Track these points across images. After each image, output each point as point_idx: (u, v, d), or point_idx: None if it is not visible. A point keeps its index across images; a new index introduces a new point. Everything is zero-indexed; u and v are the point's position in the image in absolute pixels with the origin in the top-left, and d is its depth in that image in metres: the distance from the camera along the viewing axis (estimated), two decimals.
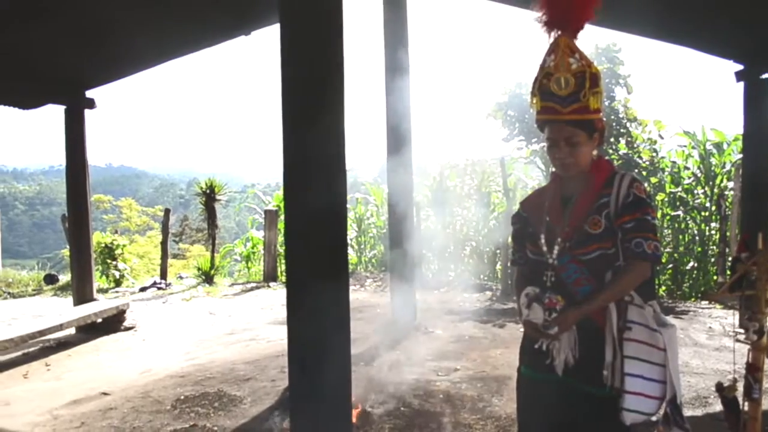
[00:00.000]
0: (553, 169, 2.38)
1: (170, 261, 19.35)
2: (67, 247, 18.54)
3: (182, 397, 4.92)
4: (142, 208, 34.36)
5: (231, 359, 6.11)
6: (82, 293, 7.83)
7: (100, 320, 7.42)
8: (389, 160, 7.37)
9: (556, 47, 2.15)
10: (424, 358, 5.77)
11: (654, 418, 2.25)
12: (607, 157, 7.90)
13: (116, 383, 5.43)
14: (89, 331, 7.40)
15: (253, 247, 14.81)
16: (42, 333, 6.44)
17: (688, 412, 4.20)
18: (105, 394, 5.16)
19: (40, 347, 6.83)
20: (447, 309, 8.41)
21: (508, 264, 2.29)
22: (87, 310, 7.28)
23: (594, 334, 2.19)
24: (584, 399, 2.21)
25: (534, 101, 2.25)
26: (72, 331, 7.34)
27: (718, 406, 4.38)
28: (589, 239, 2.19)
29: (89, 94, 8.02)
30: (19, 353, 6.55)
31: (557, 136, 2.20)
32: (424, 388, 4.83)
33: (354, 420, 3.95)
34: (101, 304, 7.69)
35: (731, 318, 7.17)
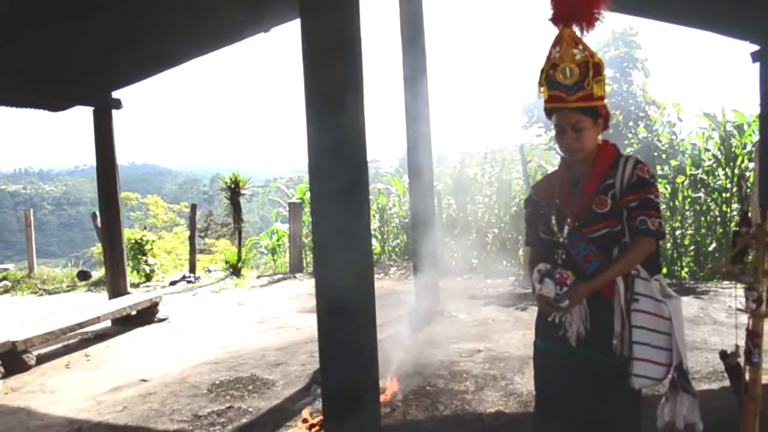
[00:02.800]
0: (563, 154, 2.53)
1: (197, 256, 19.64)
2: (96, 244, 18.97)
3: (217, 382, 5.16)
4: (168, 204, 34.86)
5: (262, 346, 6.34)
6: (116, 287, 8.12)
7: (134, 313, 7.69)
8: (409, 151, 7.53)
9: (560, 39, 2.30)
10: (447, 340, 5.95)
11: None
12: (625, 141, 7.93)
13: (154, 371, 5.69)
14: (124, 323, 7.68)
15: (278, 240, 15.05)
16: (81, 325, 6.74)
17: (704, 386, 4.37)
18: (144, 380, 5.42)
19: (79, 339, 7.13)
20: (470, 294, 8.56)
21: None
22: (122, 303, 7.57)
23: (603, 306, 2.35)
24: (596, 367, 2.37)
25: (542, 90, 2.40)
26: (108, 323, 7.64)
27: None
28: (596, 218, 2.35)
29: (115, 94, 8.28)
30: (60, 345, 6.86)
31: (564, 123, 2.35)
32: (448, 369, 5.01)
33: (382, 399, 4.13)
34: (135, 297, 7.98)
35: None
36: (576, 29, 2.30)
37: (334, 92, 3.20)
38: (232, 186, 12.58)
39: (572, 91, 2.29)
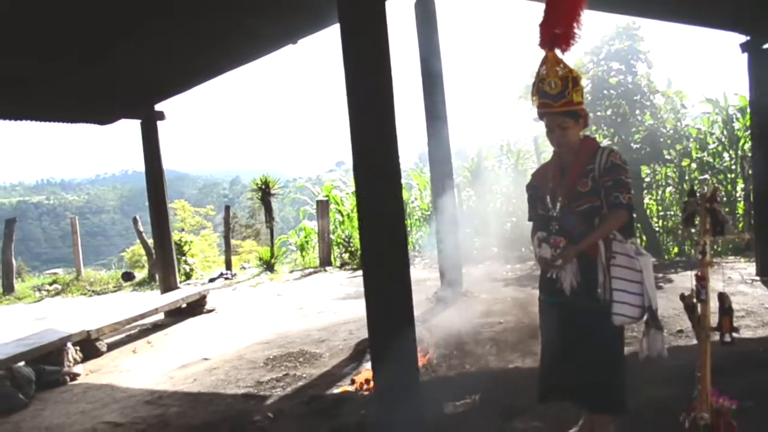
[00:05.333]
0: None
1: (224, 257, 20.39)
2: (128, 249, 19.85)
3: (271, 357, 5.91)
4: (194, 208, 35.73)
5: (305, 328, 7.09)
6: (167, 283, 8.94)
7: (184, 305, 8.48)
8: (430, 146, 8.18)
9: (546, 60, 2.99)
10: (471, 316, 6.64)
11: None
12: (633, 129, 8.58)
13: (213, 351, 6.46)
14: (176, 315, 8.46)
15: (306, 237, 15.78)
16: (142, 316, 7.55)
17: (693, 342, 5.00)
18: (206, 359, 6.19)
19: (139, 330, 7.93)
20: (491, 278, 9.24)
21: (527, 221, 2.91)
22: (175, 296, 8.37)
23: (589, 263, 3.03)
24: (586, 311, 3.06)
25: (534, 99, 3.09)
26: (161, 316, 8.41)
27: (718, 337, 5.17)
28: (581, 196, 3.04)
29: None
30: (123, 335, 7.66)
31: (552, 124, 3.05)
32: (472, 338, 5.71)
33: (420, 362, 4.84)
34: (186, 291, 8.79)
35: (750, 269, 7.86)
36: (558, 51, 2.99)
37: (370, 94, 3.91)
38: (263, 187, 13.34)
39: (557, 99, 2.98)
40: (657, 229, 11.55)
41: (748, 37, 7.43)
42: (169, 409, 4.81)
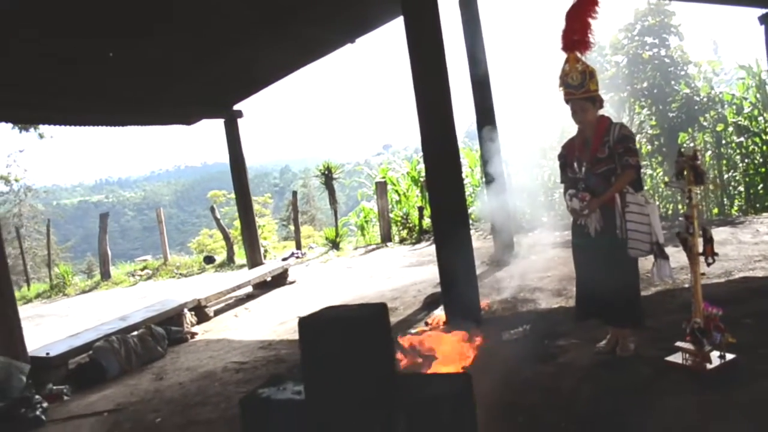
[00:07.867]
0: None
1: (283, 243, 21.72)
2: (193, 239, 21.30)
3: None
4: (252, 198, 37.23)
5: (379, 289, 8.21)
6: (253, 259, 10.21)
7: (269, 278, 9.71)
8: (479, 126, 9.09)
9: (568, 59, 3.99)
10: (522, 273, 7.63)
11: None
12: (669, 99, 9.44)
13: (304, 311, 7.57)
14: (263, 287, 9.70)
15: (365, 217, 16.88)
16: (239, 287, 8.84)
17: (714, 280, 5.90)
18: (300, 316, 7.34)
19: (234, 300, 9.20)
20: (540, 243, 10.17)
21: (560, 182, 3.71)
22: (263, 270, 9.63)
23: (609, 211, 4.03)
24: (608, 247, 4.06)
25: (560, 89, 4.09)
26: (250, 288, 9.65)
27: (738, 275, 6.07)
28: (600, 161, 4.03)
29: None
30: (222, 304, 8.93)
31: (576, 107, 4.05)
32: (523, 288, 6.74)
33: (482, 307, 5.90)
34: (271, 265, 10.05)
35: None
36: (577, 53, 3.98)
37: (432, 91, 4.96)
38: (326, 172, 14.50)
39: (578, 88, 3.97)
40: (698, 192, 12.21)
41: (766, 10, 8.13)
42: (280, 351, 6.00)
